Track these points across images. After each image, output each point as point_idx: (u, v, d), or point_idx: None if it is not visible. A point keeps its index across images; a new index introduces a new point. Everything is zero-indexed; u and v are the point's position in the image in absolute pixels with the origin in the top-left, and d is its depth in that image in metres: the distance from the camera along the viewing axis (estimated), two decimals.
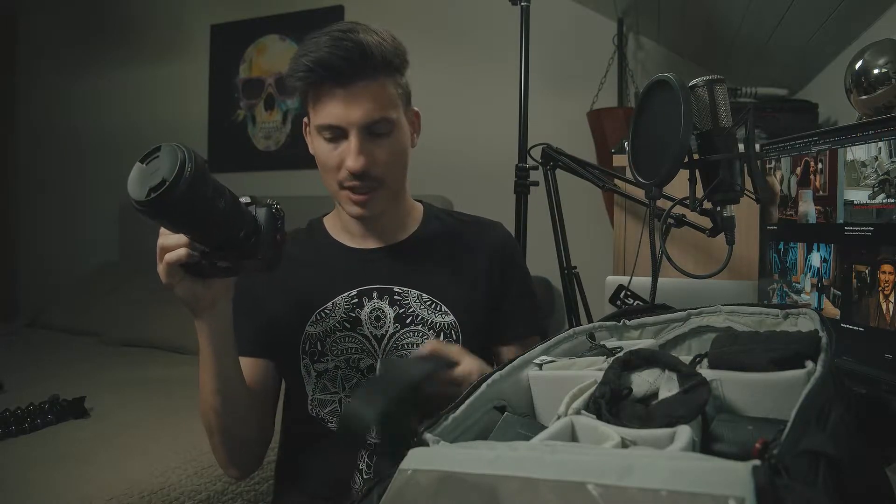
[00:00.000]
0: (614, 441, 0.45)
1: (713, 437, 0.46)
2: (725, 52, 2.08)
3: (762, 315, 0.65)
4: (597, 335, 0.73)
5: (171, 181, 0.63)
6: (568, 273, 1.57)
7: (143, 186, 0.64)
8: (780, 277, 1.03)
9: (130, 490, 1.29)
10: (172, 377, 2.06)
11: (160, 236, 0.76)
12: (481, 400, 0.60)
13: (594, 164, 1.53)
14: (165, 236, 0.75)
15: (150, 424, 1.61)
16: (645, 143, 0.89)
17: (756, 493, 0.33)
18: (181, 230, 0.73)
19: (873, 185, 0.80)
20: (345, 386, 0.96)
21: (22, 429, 1.51)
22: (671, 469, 0.35)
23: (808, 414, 0.41)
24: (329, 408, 0.97)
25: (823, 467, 0.36)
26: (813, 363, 0.49)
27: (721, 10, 1.75)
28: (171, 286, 0.78)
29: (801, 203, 0.96)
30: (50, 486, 1.26)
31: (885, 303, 0.78)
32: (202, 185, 0.66)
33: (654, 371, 0.54)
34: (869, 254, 0.81)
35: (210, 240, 0.75)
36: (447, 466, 0.43)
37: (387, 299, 0.97)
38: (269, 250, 0.78)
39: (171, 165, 0.64)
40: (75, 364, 2.23)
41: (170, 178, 0.63)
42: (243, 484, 1.52)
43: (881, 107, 1.04)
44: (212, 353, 0.84)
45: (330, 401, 0.96)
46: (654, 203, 0.88)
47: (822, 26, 1.48)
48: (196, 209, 0.67)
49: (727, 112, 0.84)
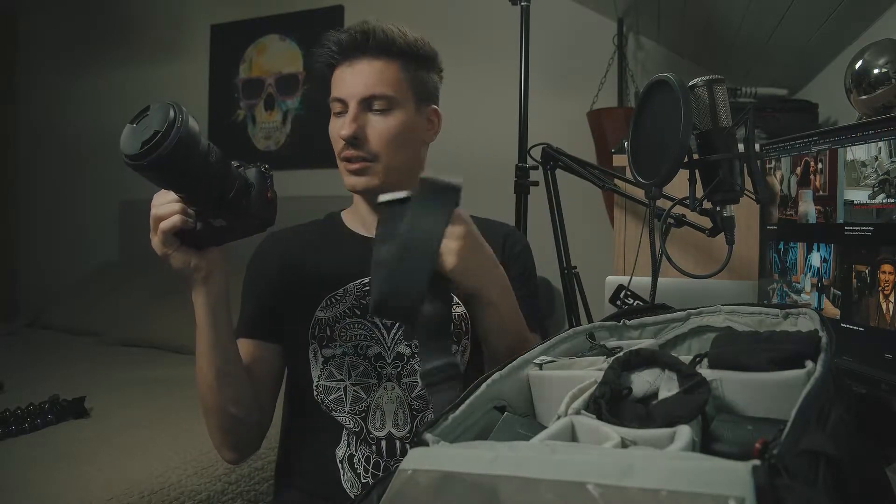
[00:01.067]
0: (614, 441, 0.45)
1: (713, 437, 0.46)
2: (725, 52, 2.08)
3: (762, 315, 0.65)
4: (597, 335, 0.73)
5: (163, 132, 0.65)
6: (568, 273, 1.57)
7: (135, 141, 0.66)
8: (780, 277, 1.03)
9: (130, 490, 1.29)
10: (172, 377, 2.06)
11: (153, 208, 0.77)
12: (481, 400, 0.60)
13: (594, 164, 1.53)
14: (158, 206, 0.77)
15: (150, 424, 1.61)
16: (645, 143, 0.89)
17: (756, 493, 0.33)
18: (174, 185, 0.74)
19: (873, 185, 0.80)
20: (351, 374, 0.96)
21: (22, 429, 1.51)
22: (671, 469, 0.35)
23: (808, 414, 0.41)
24: (334, 395, 0.96)
25: (823, 467, 0.36)
26: (813, 363, 0.49)
27: (721, 10, 1.75)
28: (167, 257, 0.79)
29: (801, 203, 0.96)
30: (50, 486, 1.26)
31: (885, 303, 0.78)
32: (193, 138, 0.68)
33: (654, 371, 0.54)
34: (869, 254, 0.81)
35: (203, 197, 0.76)
36: (447, 466, 0.43)
37: None
38: (263, 208, 0.80)
39: (161, 118, 0.66)
40: (75, 364, 2.23)
41: (161, 129, 0.65)
42: (243, 484, 1.52)
43: (881, 107, 1.05)
44: (208, 325, 0.85)
45: (335, 388, 0.96)
46: (654, 203, 0.88)
47: (822, 26, 1.48)
48: (189, 160, 0.69)
49: (727, 112, 0.84)
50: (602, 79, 2.34)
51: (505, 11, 1.78)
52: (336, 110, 0.97)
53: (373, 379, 0.96)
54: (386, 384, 0.96)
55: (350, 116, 0.94)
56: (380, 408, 0.95)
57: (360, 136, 0.94)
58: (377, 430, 0.95)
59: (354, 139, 0.93)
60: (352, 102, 0.94)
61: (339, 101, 0.96)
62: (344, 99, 0.95)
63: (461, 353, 0.98)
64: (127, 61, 3.45)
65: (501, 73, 2.46)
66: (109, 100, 3.51)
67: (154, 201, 0.78)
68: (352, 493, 0.94)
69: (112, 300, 2.87)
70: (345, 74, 0.96)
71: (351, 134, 0.93)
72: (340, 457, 0.96)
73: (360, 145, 0.94)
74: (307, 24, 3.03)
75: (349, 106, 0.94)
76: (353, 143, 0.94)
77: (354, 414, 0.95)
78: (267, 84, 3.14)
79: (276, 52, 3.12)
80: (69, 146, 3.63)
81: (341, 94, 0.95)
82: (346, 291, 0.98)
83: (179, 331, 2.50)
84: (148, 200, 0.78)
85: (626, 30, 2.37)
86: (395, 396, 0.96)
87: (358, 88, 0.94)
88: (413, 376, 0.96)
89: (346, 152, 0.95)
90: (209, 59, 3.28)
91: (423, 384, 0.70)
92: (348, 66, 0.95)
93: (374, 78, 0.94)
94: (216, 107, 3.26)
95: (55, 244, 3.68)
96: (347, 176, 0.97)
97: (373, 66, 0.95)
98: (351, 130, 0.93)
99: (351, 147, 0.94)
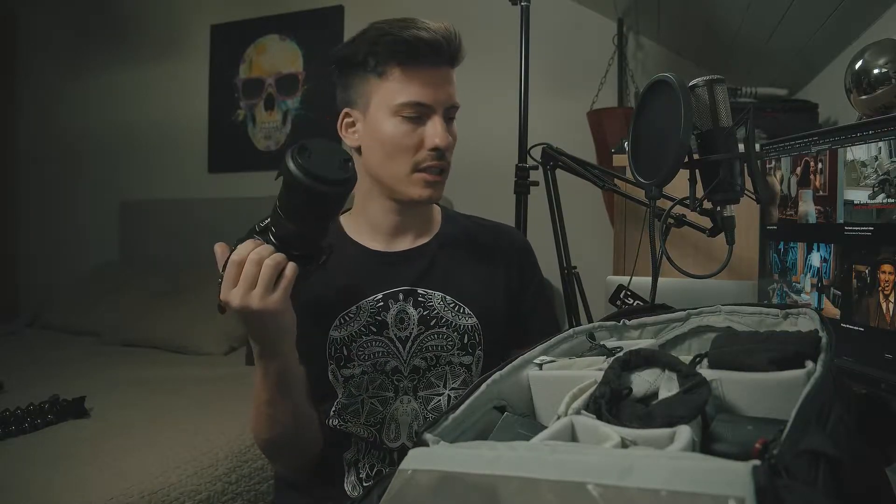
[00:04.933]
0: (614, 441, 0.45)
1: (713, 437, 0.46)
2: (725, 52, 2.08)
3: (762, 315, 0.65)
4: (597, 335, 0.73)
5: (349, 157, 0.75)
6: (568, 273, 1.57)
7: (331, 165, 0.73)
8: (780, 277, 1.03)
9: (130, 490, 1.29)
10: (172, 377, 2.06)
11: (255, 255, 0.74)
12: (481, 400, 0.60)
13: (594, 164, 1.53)
14: (265, 255, 0.75)
15: (150, 424, 1.61)
16: (645, 143, 0.89)
17: (756, 493, 0.33)
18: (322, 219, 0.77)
19: (873, 185, 0.80)
20: (368, 388, 0.95)
21: (22, 429, 1.51)
22: (671, 469, 0.35)
23: (808, 414, 0.41)
24: (351, 409, 0.95)
25: (823, 467, 0.36)
26: (813, 363, 0.49)
27: (721, 10, 1.76)
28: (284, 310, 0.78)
29: (801, 203, 0.96)
30: (50, 486, 1.26)
31: (885, 303, 0.78)
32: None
33: (654, 371, 0.54)
34: (869, 254, 0.81)
35: (317, 240, 0.79)
36: (447, 466, 0.43)
37: (411, 301, 0.97)
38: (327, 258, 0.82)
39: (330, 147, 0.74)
40: (75, 364, 2.23)
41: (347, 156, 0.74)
42: (243, 484, 1.52)
43: (881, 107, 1.04)
44: (290, 374, 0.86)
45: (353, 403, 0.95)
46: (654, 203, 0.88)
47: (822, 26, 1.48)
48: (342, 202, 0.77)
49: (727, 112, 0.84)
50: (602, 79, 2.34)
51: (505, 11, 1.78)
52: (410, 115, 0.90)
53: (389, 392, 0.95)
54: (402, 397, 0.95)
55: (441, 125, 0.91)
56: (395, 420, 0.94)
57: (450, 146, 0.93)
58: (391, 441, 0.94)
59: (446, 150, 0.92)
60: (440, 110, 0.91)
61: (421, 106, 0.90)
62: (431, 105, 0.90)
63: (475, 364, 0.98)
64: (127, 61, 3.45)
65: (501, 73, 2.46)
66: (109, 100, 3.51)
67: (247, 253, 0.75)
68: (353, 495, 0.94)
69: (112, 300, 2.87)
70: (427, 78, 0.90)
71: (448, 145, 0.91)
72: (348, 460, 0.95)
73: (443, 155, 0.92)
74: (307, 24, 3.03)
75: (435, 113, 0.91)
76: (441, 154, 0.91)
77: (370, 425, 0.95)
78: (267, 84, 3.14)
79: (276, 52, 3.12)
80: (69, 146, 3.63)
81: (426, 99, 0.89)
82: (359, 309, 0.96)
83: (179, 331, 2.51)
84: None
85: (626, 30, 2.37)
86: (410, 409, 0.95)
87: (445, 95, 0.91)
88: (429, 389, 0.96)
89: (433, 162, 0.91)
90: (209, 59, 3.28)
91: None
92: (433, 70, 0.90)
93: (453, 87, 0.93)
94: (216, 107, 3.26)
95: (55, 244, 3.68)
96: (422, 188, 0.92)
97: (451, 75, 0.93)
98: (448, 142, 0.91)
99: (439, 157, 0.91)
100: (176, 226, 3.15)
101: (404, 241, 1.00)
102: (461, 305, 0.97)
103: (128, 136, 3.43)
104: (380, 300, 0.96)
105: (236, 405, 1.74)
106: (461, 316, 0.97)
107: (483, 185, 2.38)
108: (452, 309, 0.97)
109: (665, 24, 2.18)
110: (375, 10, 2.81)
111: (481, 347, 0.98)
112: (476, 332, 0.97)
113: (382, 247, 1.00)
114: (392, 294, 0.97)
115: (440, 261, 1.00)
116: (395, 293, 0.97)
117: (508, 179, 1.61)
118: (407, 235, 1.00)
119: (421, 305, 0.96)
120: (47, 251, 3.70)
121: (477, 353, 0.97)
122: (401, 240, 1.00)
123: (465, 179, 2.61)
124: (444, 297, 0.97)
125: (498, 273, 1.02)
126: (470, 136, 2.68)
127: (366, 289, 0.97)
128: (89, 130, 3.56)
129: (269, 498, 1.54)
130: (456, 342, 0.96)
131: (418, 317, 0.96)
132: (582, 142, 2.23)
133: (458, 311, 0.97)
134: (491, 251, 1.04)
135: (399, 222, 0.99)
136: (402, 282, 0.97)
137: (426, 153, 0.91)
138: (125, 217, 3.41)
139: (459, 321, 0.97)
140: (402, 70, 0.89)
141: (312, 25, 3.02)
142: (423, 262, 0.99)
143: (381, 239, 1.00)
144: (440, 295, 0.97)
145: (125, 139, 3.44)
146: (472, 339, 0.97)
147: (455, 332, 0.96)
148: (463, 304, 0.97)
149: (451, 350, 0.96)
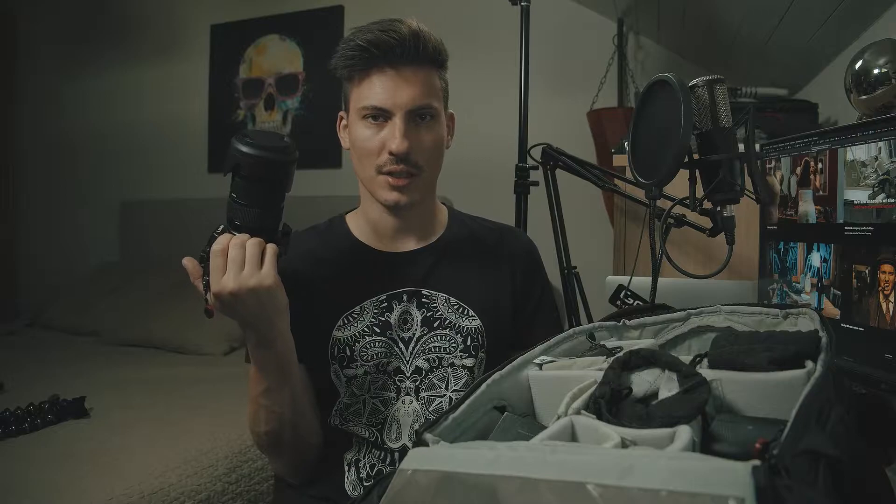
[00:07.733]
0: (614, 441, 0.45)
1: (713, 437, 0.46)
2: (725, 52, 2.08)
3: (762, 315, 0.65)
4: (597, 335, 0.73)
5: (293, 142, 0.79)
6: (568, 273, 1.57)
7: (275, 142, 0.77)
8: (780, 277, 1.03)
9: (130, 490, 1.29)
10: (172, 377, 2.06)
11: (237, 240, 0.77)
12: (481, 400, 0.60)
13: (594, 164, 1.53)
14: (243, 239, 0.77)
15: (150, 424, 1.61)
16: (645, 144, 0.89)
17: (756, 493, 0.33)
18: (278, 194, 0.79)
19: (873, 185, 0.80)
20: (370, 388, 0.95)
21: (22, 429, 1.51)
22: (671, 469, 0.35)
23: (808, 414, 0.41)
24: (353, 409, 0.95)
25: (823, 467, 0.36)
26: (813, 363, 0.49)
27: (721, 10, 1.76)
28: (274, 286, 0.78)
29: (801, 203, 0.96)
30: (50, 486, 1.26)
31: (885, 303, 0.78)
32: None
33: (654, 371, 0.54)
34: (869, 254, 0.81)
35: (277, 220, 0.81)
36: (447, 466, 0.43)
37: (415, 302, 0.96)
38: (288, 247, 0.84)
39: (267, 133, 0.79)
40: (75, 364, 2.22)
41: (286, 136, 0.79)
42: (243, 484, 1.52)
43: (881, 107, 1.05)
44: (287, 361, 0.86)
45: (355, 403, 0.95)
46: (654, 203, 0.88)
47: (822, 26, 1.48)
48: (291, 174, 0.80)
49: (727, 112, 0.84)
50: (602, 79, 2.34)
51: (505, 11, 1.78)
52: (371, 119, 0.89)
53: (391, 392, 0.95)
54: (404, 398, 0.95)
55: (400, 130, 0.87)
56: (396, 420, 0.94)
57: (410, 150, 0.88)
58: (392, 441, 0.94)
59: (407, 154, 0.88)
60: (399, 113, 0.88)
61: (378, 110, 0.88)
62: (388, 109, 0.88)
63: (478, 366, 0.97)
64: (127, 61, 3.45)
65: (501, 73, 2.46)
66: (109, 99, 3.51)
67: (227, 241, 0.76)
68: (353, 495, 0.93)
69: (112, 300, 2.87)
70: (387, 81, 0.88)
71: (406, 150, 0.87)
72: (349, 460, 0.95)
73: (406, 159, 0.89)
74: (307, 24, 3.03)
75: (394, 117, 0.88)
76: (402, 158, 0.88)
77: (371, 425, 0.95)
78: (267, 84, 3.14)
79: (276, 52, 3.12)
80: (69, 146, 3.63)
81: (383, 103, 0.88)
82: (362, 309, 0.95)
83: (179, 331, 2.50)
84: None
85: (626, 30, 2.37)
86: (412, 410, 0.95)
87: (405, 98, 0.87)
88: (431, 390, 0.96)
89: (392, 167, 0.89)
90: (209, 59, 3.28)
91: None
92: (393, 72, 0.87)
93: (423, 88, 0.89)
94: (216, 107, 3.26)
95: (55, 244, 3.68)
96: (388, 191, 0.91)
97: (418, 76, 0.88)
98: (405, 147, 0.87)
99: (399, 161, 0.88)
100: (176, 226, 3.14)
101: (409, 242, 1.00)
102: (465, 307, 0.97)
103: (128, 136, 3.42)
104: (383, 300, 0.96)
105: (236, 405, 1.74)
106: (465, 318, 0.97)
107: (483, 185, 2.38)
108: (456, 311, 0.97)
109: (665, 24, 2.18)
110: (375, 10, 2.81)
111: (484, 350, 0.97)
112: (479, 335, 0.97)
113: (387, 247, 1.00)
114: (396, 295, 0.96)
115: (445, 262, 1.00)
116: (399, 294, 0.96)
117: (508, 179, 1.61)
118: (411, 236, 1.00)
119: (425, 307, 0.96)
120: (47, 251, 3.70)
121: (479, 356, 0.97)
122: (405, 240, 1.00)
123: (465, 179, 2.62)
124: (448, 299, 0.97)
125: (503, 275, 1.02)
126: (470, 136, 2.68)
127: (370, 289, 0.96)
128: (89, 130, 3.56)
129: (268, 498, 1.54)
130: (459, 344, 0.96)
131: (422, 318, 0.96)
132: (582, 142, 2.23)
133: (462, 313, 0.97)
134: (496, 253, 1.03)
135: (396, 223, 0.98)
136: (406, 283, 0.97)
137: (386, 157, 0.89)
138: (125, 217, 3.41)
139: (463, 323, 0.96)
140: (360, 74, 0.89)
141: (312, 25, 3.02)
142: (428, 263, 0.99)
143: (385, 240, 1.00)
144: (444, 296, 0.97)
145: (125, 139, 3.43)
146: (476, 342, 0.96)
147: (458, 335, 0.96)
148: (467, 305, 0.97)
149: (454, 352, 0.96)
